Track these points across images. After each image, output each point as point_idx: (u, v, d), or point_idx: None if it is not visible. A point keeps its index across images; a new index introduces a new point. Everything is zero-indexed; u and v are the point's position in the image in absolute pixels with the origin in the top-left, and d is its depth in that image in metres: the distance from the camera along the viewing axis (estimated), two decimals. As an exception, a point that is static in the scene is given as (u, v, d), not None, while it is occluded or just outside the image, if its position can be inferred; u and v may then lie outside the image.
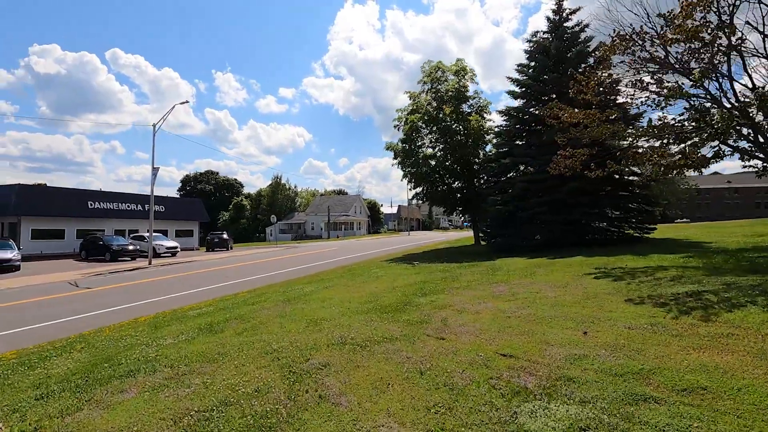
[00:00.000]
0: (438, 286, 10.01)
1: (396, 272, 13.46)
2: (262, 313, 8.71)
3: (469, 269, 12.57)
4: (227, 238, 34.73)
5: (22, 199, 23.72)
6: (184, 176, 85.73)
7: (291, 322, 7.58)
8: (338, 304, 8.88)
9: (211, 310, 9.93)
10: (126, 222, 29.80)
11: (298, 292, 11.08)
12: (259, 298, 10.84)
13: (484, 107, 22.96)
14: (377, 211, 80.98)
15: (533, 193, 16.46)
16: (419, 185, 24.47)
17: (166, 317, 9.66)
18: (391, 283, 11.15)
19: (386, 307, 8.14)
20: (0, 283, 16.60)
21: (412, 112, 23.34)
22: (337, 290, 10.79)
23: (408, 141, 23.55)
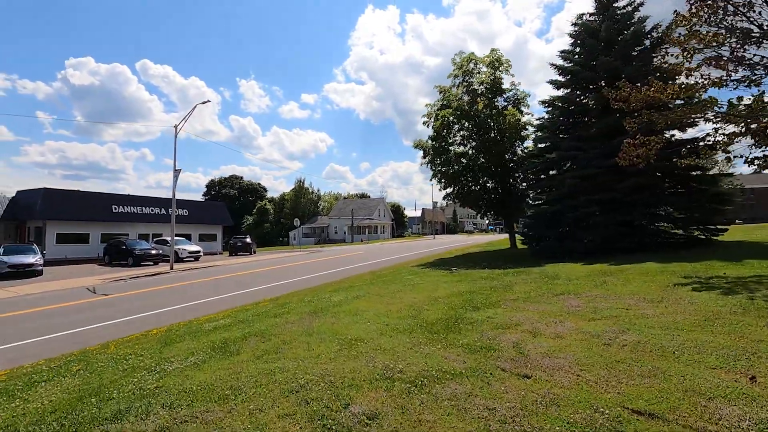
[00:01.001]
0: (489, 297, 8.51)
1: (433, 279, 12.01)
2: (286, 328, 7.45)
3: (518, 277, 11.00)
4: (250, 243, 34.03)
5: (47, 203, 23.58)
6: (209, 181, 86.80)
7: (320, 342, 6.27)
8: (373, 319, 7.52)
9: (229, 322, 8.76)
10: (150, 226, 29.49)
11: (325, 303, 9.80)
12: (282, 309, 9.62)
13: (522, 100, 21.23)
14: (401, 214, 79.48)
15: (584, 191, 14.70)
16: (450, 185, 22.94)
17: (179, 330, 8.55)
18: (431, 293, 9.71)
19: (432, 324, 6.73)
20: (21, 289, 16.11)
21: (442, 108, 21.87)
22: (370, 301, 9.44)
23: (438, 138, 22.09)
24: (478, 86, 21.35)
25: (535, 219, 16.83)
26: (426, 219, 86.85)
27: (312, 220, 71.74)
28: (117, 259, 23.93)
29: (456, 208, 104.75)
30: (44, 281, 17.97)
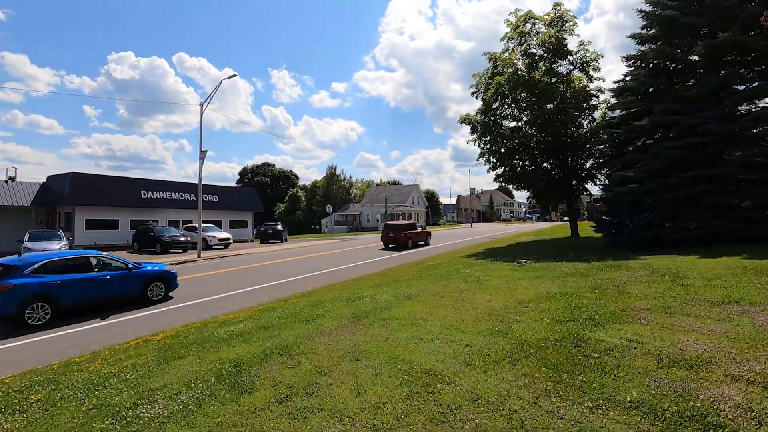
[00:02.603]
0: (602, 304, 6.09)
1: (501, 275, 9.63)
2: (321, 343, 5.38)
3: (618, 273, 8.44)
4: (281, 230, 32.55)
5: (76, 188, 22.82)
6: (242, 168, 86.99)
7: (373, 375, 4.13)
8: (443, 334, 5.31)
9: (249, 327, 6.83)
10: (180, 212, 28.49)
11: (369, 304, 7.69)
12: (315, 310, 7.60)
13: (590, 62, 17.96)
14: (436, 201, 76.37)
15: (688, 165, 11.73)
16: (501, 165, 20.18)
17: (187, 337, 6.71)
18: (510, 294, 7.37)
19: (541, 348, 4.44)
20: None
21: (493, 76, 19.03)
22: (428, 303, 7.22)
23: (488, 111, 19.30)
24: (537, 49, 18.35)
25: (612, 202, 13.96)
26: (461, 206, 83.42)
27: (344, 208, 70.22)
28: (145, 246, 22.94)
29: (492, 195, 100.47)
30: (67, 269, 16.94)
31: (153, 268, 10.88)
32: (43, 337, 7.87)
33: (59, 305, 8.90)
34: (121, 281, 10.09)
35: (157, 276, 10.77)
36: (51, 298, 8.78)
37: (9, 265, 8.91)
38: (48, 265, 9.12)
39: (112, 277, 9.94)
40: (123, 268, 10.31)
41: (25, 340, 7.68)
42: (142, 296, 10.32)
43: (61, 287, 8.96)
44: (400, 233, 22.36)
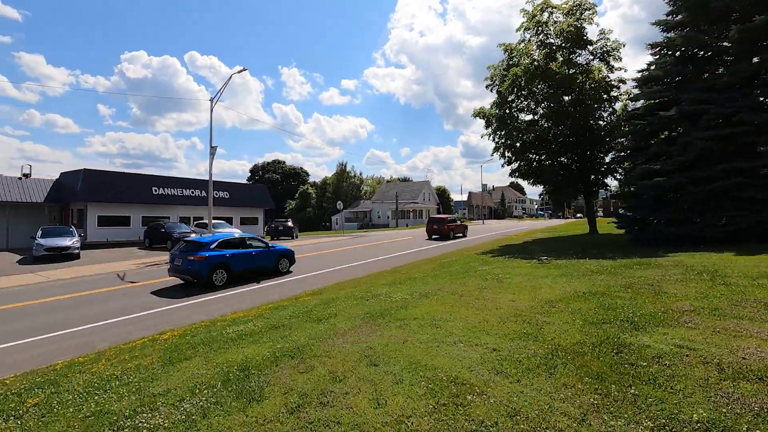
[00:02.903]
0: (638, 304, 5.61)
1: (522, 272, 9.16)
2: (335, 345, 5.02)
3: (650, 272, 7.92)
4: (292, 227, 32.32)
5: (88, 184, 22.83)
6: (253, 166, 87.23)
7: (394, 382, 3.75)
8: (466, 336, 4.91)
9: (258, 327, 6.51)
10: (191, 209, 28.43)
11: (383, 302, 7.32)
12: (328, 309, 7.26)
13: (612, 52, 17.23)
14: (447, 198, 75.52)
15: (720, 157, 11.06)
16: (517, 159, 19.58)
17: (195, 336, 6.42)
18: (534, 293, 6.92)
19: (578, 354, 4.01)
20: (53, 274, 15.05)
21: (508, 67, 18.42)
22: (447, 302, 6.82)
23: (503, 104, 18.72)
24: (554, 39, 17.68)
25: (635, 197, 13.32)
26: (473, 203, 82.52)
27: (354, 205, 69.98)
28: (157, 242, 22.89)
29: (504, 192, 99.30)
30: (79, 265, 16.96)
31: (280, 247, 13.77)
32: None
33: (231, 272, 11.89)
34: (264, 256, 13.00)
35: (284, 253, 13.60)
36: (227, 267, 11.79)
37: (201, 242, 12.01)
38: (223, 243, 12.17)
39: (258, 252, 12.90)
40: (264, 247, 13.20)
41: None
42: (275, 268, 13.22)
43: (231, 259, 11.97)
44: (444, 225, 25.27)
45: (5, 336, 7.63)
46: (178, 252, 11.85)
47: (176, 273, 11.68)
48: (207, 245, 11.72)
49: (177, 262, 11.59)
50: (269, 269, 13.01)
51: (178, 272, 11.60)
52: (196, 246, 11.72)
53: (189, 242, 12.18)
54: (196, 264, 11.17)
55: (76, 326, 8.18)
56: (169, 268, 11.96)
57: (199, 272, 11.13)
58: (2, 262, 17.83)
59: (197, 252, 11.41)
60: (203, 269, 11.17)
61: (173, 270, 11.74)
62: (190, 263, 11.24)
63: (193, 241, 12.14)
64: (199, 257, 11.24)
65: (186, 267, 11.27)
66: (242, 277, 12.27)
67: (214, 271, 11.38)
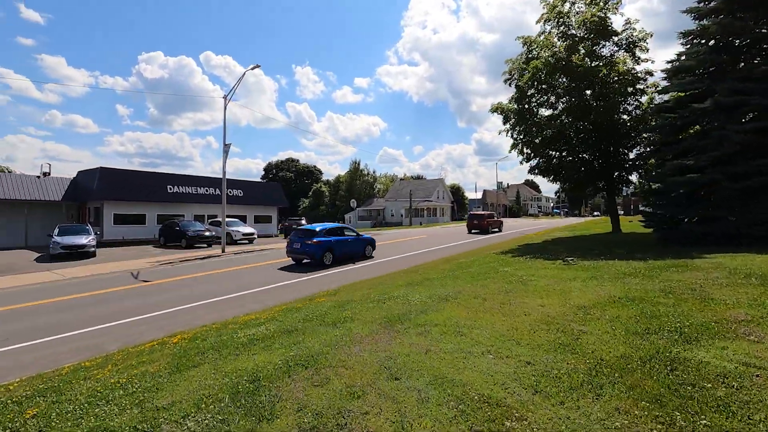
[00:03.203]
0: (686, 313, 5.10)
1: (548, 274, 8.66)
2: (351, 354, 4.66)
3: (688, 275, 7.35)
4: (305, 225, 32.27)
5: (104, 182, 23.00)
6: (267, 164, 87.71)
7: (416, 399, 3.36)
8: (495, 346, 4.49)
9: (271, 331, 6.19)
10: (205, 207, 28.48)
11: (401, 306, 6.94)
12: (343, 313, 6.91)
13: (637, 42, 16.40)
14: (461, 196, 74.65)
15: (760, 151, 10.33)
16: (536, 156, 18.94)
17: (205, 340, 6.14)
18: (564, 298, 6.45)
19: (626, 370, 3.57)
20: (69, 272, 15.09)
21: (528, 61, 17.77)
22: (470, 307, 6.39)
23: (522, 99, 18.09)
24: (577, 30, 16.97)
25: (664, 194, 12.61)
26: (487, 201, 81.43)
27: (367, 203, 69.72)
28: (171, 240, 22.94)
29: (519, 190, 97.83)
30: (95, 263, 17.00)
31: (366, 236, 16.77)
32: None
33: (335, 255, 14.57)
34: (356, 243, 15.79)
35: (369, 241, 16.56)
36: (332, 250, 14.47)
37: (313, 230, 14.67)
38: (329, 231, 14.96)
39: (352, 240, 15.70)
40: (356, 235, 16.08)
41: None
42: (362, 253, 16.04)
43: (334, 244, 14.67)
44: (483, 221, 28.97)
45: (18, 335, 7.52)
46: (296, 238, 14.63)
47: (295, 254, 14.62)
48: (318, 232, 14.46)
49: (296, 246, 14.44)
50: (359, 254, 15.85)
51: (296, 253, 14.51)
52: (310, 233, 14.44)
53: (303, 230, 15.08)
54: (313, 247, 13.93)
55: (88, 326, 8.02)
56: (288, 251, 14.88)
57: (314, 254, 13.96)
58: (21, 260, 18.03)
59: (312, 238, 14.12)
60: (317, 252, 13.94)
61: (291, 251, 14.67)
62: (307, 246, 14.04)
63: (307, 229, 15.03)
64: (315, 242, 13.98)
65: (304, 249, 14.14)
66: (342, 259, 15.06)
67: (324, 253, 14.13)
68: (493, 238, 23.93)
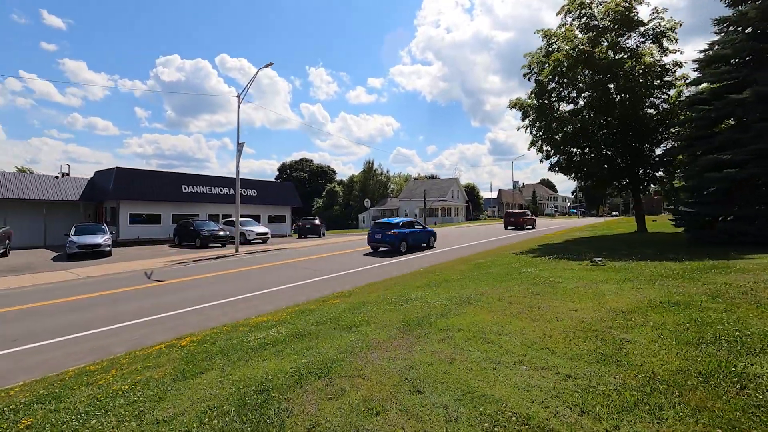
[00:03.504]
0: (742, 320, 4.57)
1: (574, 275, 8.13)
2: (368, 362, 4.29)
3: (739, 276, 6.76)
4: (319, 225, 31.96)
5: (119, 182, 23.18)
6: (281, 164, 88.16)
7: (443, 418, 2.95)
8: (529, 356, 4.05)
9: (283, 334, 5.86)
10: (220, 207, 28.53)
11: (420, 308, 6.54)
12: (358, 314, 6.56)
13: (666, 33, 15.58)
14: (476, 195, 73.62)
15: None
16: (557, 153, 18.29)
17: (214, 344, 5.85)
18: (598, 302, 5.94)
19: (689, 388, 3.10)
20: (84, 271, 15.11)
21: (548, 54, 17.13)
22: (494, 310, 5.95)
23: (542, 94, 17.46)
24: (600, 20, 16.26)
25: (697, 192, 11.89)
26: (503, 201, 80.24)
27: (381, 203, 69.38)
28: (186, 240, 22.96)
29: (535, 189, 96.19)
30: (110, 263, 17.02)
31: (430, 229, 19.95)
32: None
33: (408, 243, 17.26)
34: (423, 234, 18.74)
35: (433, 233, 19.62)
36: (406, 240, 17.18)
37: (392, 222, 17.87)
38: (403, 224, 17.97)
39: (420, 231, 18.61)
40: (422, 228, 19.09)
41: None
42: (427, 243, 18.89)
43: (408, 235, 17.43)
44: (519, 218, 32.82)
45: (29, 336, 7.37)
46: (376, 230, 17.58)
47: (375, 242, 17.50)
48: (396, 225, 17.54)
49: (377, 236, 17.36)
50: (424, 245, 18.72)
51: (377, 242, 17.41)
52: (390, 225, 17.54)
53: (383, 223, 18.10)
54: (392, 237, 16.84)
55: (97, 327, 7.82)
56: (369, 240, 17.82)
57: (394, 242, 16.81)
58: (39, 259, 18.20)
59: (392, 229, 17.09)
60: (396, 241, 16.78)
61: (372, 240, 17.58)
62: (387, 236, 17.00)
63: (386, 222, 18.09)
64: (393, 233, 16.90)
65: (384, 239, 17.06)
66: (412, 248, 17.88)
67: (401, 242, 16.91)
68: (512, 238, 23.30)
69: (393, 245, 16.82)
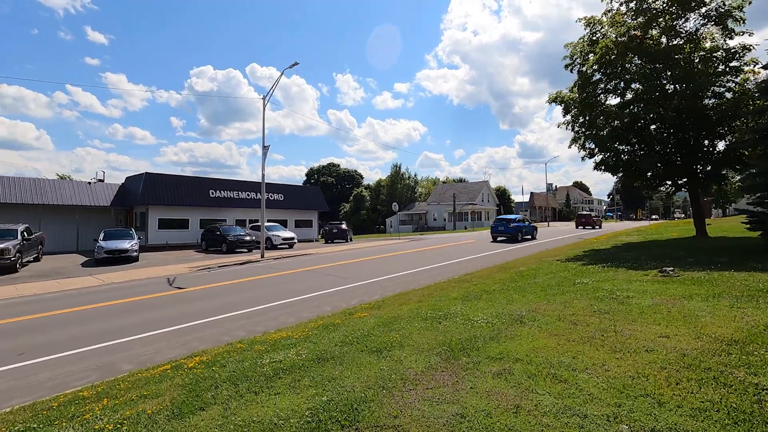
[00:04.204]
0: None
1: (645, 289, 6.86)
2: (405, 404, 3.36)
3: None
4: (346, 229, 31.27)
5: (149, 188, 23.33)
6: (308, 169, 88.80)
7: None
8: (627, 409, 2.96)
9: (302, 359, 5.01)
10: (247, 211, 28.35)
11: (462, 327, 5.57)
12: (389, 334, 5.63)
13: (731, 12, 13.75)
14: (507, 198, 71.29)
15: None
16: (602, 150, 16.77)
17: (224, 368, 5.07)
18: (690, 325, 4.74)
19: None
20: (109, 277, 14.97)
21: (593, 43, 15.70)
22: (558, 334, 4.87)
23: (585, 86, 16.01)
24: (653, 2, 14.65)
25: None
26: (535, 204, 77.40)
27: (409, 207, 68.30)
28: (212, 245, 22.78)
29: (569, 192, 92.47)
30: (135, 268, 16.85)
31: (533, 225, 26.57)
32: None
33: (522, 235, 23.62)
34: (530, 228, 25.29)
35: (535, 228, 26.26)
36: (521, 231, 23.39)
37: (510, 218, 24.30)
38: (518, 220, 24.27)
39: (528, 226, 25.12)
40: (529, 224, 25.77)
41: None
42: (531, 236, 24.92)
43: (523, 228, 23.82)
44: (590, 219, 40.37)
45: (38, 348, 6.93)
46: (499, 224, 24.10)
47: (498, 233, 23.74)
48: (514, 220, 24.07)
49: (500, 228, 23.74)
50: (529, 236, 24.82)
51: (499, 233, 23.66)
52: (510, 221, 23.99)
53: (504, 219, 24.73)
54: (512, 229, 23.23)
55: (108, 340, 7.27)
56: (492, 232, 24.35)
57: (514, 233, 23.11)
58: (69, 264, 18.32)
59: (512, 223, 23.60)
60: (515, 232, 23.17)
61: (496, 232, 23.92)
62: (509, 228, 23.31)
63: (506, 218, 24.70)
64: (513, 226, 23.36)
65: (506, 230, 23.36)
66: (523, 239, 23.86)
67: (517, 233, 23.16)
68: (550, 243, 21.78)
69: (513, 235, 23.04)
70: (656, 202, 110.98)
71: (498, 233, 23.47)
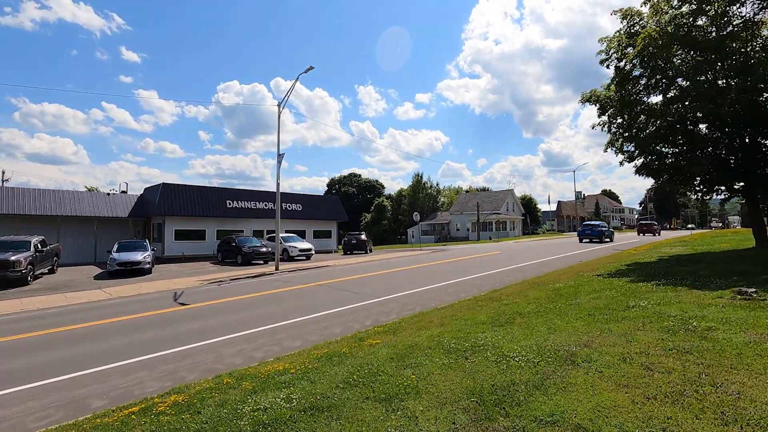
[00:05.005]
0: None
1: (722, 317, 5.49)
2: None
3: None
4: (366, 240, 30.22)
5: (165, 198, 23.07)
6: (329, 180, 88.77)
7: None
8: None
9: (292, 406, 3.98)
10: (264, 222, 27.75)
11: (494, 365, 4.42)
12: (403, 372, 4.54)
13: (795, -6, 12.23)
14: (533, 208, 68.69)
15: None
16: (642, 153, 15.20)
17: (198, 415, 4.11)
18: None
19: None
20: (118, 290, 14.44)
21: (631, 35, 14.29)
22: (630, 386, 3.66)
23: (623, 83, 14.55)
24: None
25: None
26: (563, 213, 74.40)
27: (431, 217, 66.82)
28: (228, 257, 22.21)
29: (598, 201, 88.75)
30: (146, 281, 16.31)
31: (611, 229, 33.45)
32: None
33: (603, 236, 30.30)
34: (610, 232, 31.82)
35: (612, 232, 32.95)
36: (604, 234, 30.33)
37: (596, 224, 31.23)
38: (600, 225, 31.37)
39: (608, 229, 31.65)
40: (609, 228, 32.27)
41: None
42: (610, 239, 31.07)
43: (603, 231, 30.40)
44: (652, 226, 44.27)
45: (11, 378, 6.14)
46: (586, 228, 30.45)
47: (585, 236, 30.08)
48: (598, 226, 30.41)
49: (587, 231, 30.15)
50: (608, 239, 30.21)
51: (586, 236, 30.00)
52: (595, 226, 30.22)
53: (590, 224, 30.89)
54: (597, 232, 29.46)
55: (90, 367, 6.49)
56: (579, 235, 31.07)
57: (599, 235, 29.43)
58: (81, 276, 18.02)
59: (597, 228, 29.90)
60: (600, 234, 29.43)
61: (583, 234, 30.36)
62: (595, 232, 29.66)
63: (592, 224, 31.00)
64: (598, 230, 29.60)
65: (593, 233, 29.55)
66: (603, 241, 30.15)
67: (601, 235, 29.34)
68: (582, 255, 20.10)
69: (599, 237, 29.33)
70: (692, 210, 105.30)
71: (584, 236, 30.01)
